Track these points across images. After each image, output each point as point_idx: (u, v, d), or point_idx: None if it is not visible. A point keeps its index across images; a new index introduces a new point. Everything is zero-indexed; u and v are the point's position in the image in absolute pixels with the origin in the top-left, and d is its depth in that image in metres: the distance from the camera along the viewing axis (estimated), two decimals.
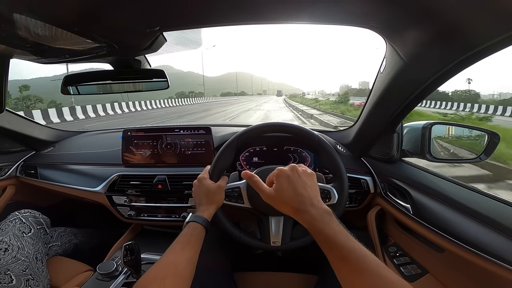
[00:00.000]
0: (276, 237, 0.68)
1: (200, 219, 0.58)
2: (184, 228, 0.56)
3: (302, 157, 0.97)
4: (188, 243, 0.52)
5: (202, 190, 0.66)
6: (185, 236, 0.54)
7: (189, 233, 0.54)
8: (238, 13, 0.51)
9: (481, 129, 0.77)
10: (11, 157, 1.20)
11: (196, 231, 0.55)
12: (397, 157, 0.84)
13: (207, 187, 0.66)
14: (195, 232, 0.55)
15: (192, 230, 0.55)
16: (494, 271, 0.50)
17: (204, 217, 0.59)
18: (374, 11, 0.48)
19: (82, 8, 0.44)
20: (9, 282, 0.76)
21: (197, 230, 0.56)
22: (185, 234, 0.54)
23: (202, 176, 0.69)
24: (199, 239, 0.55)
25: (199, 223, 0.57)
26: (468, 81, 49.48)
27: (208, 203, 0.63)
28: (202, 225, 0.57)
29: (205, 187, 0.66)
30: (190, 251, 0.51)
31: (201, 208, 0.62)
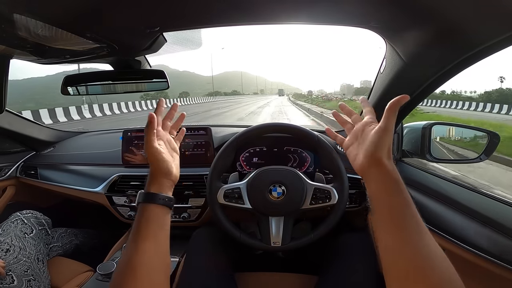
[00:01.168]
0: (276, 237, 0.69)
1: (155, 198, 0.45)
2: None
3: (302, 158, 0.97)
4: (139, 232, 0.42)
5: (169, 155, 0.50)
6: (135, 224, 0.43)
7: (137, 220, 0.43)
8: (238, 14, 0.51)
9: (481, 130, 0.77)
10: (11, 157, 1.20)
11: (149, 214, 0.44)
12: (397, 157, 0.84)
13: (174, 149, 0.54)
14: (148, 215, 0.43)
15: (141, 214, 0.44)
16: (494, 271, 0.50)
17: (163, 194, 0.46)
18: (373, 11, 0.48)
19: (82, 9, 0.44)
20: (11, 283, 0.76)
21: (150, 211, 0.44)
22: (135, 221, 0.43)
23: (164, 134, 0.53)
24: (156, 222, 0.43)
25: (152, 202, 0.44)
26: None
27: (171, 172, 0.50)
28: (159, 204, 0.44)
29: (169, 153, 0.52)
30: (144, 241, 0.41)
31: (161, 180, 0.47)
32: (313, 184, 0.70)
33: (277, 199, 0.69)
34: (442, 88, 28.23)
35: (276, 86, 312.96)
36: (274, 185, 0.70)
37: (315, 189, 0.69)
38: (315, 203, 0.69)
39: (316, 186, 0.70)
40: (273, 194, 0.69)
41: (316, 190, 0.69)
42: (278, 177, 0.70)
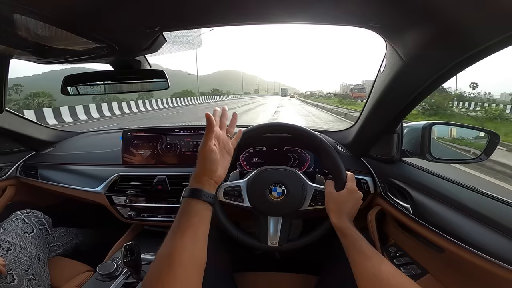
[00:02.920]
0: (273, 237, 0.69)
1: (199, 193, 0.47)
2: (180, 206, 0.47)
3: (302, 158, 0.97)
4: (179, 227, 0.44)
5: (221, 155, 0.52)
6: (176, 219, 0.45)
7: (180, 214, 0.46)
8: (238, 14, 0.51)
9: (481, 129, 0.77)
10: (11, 157, 1.20)
11: (191, 208, 0.46)
12: (397, 157, 0.84)
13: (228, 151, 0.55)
14: (190, 210, 0.46)
15: (184, 209, 0.46)
16: (494, 271, 0.50)
17: (206, 190, 0.48)
18: (373, 11, 0.48)
19: (82, 9, 0.44)
20: (11, 282, 0.76)
21: (193, 207, 0.46)
22: (177, 217, 0.46)
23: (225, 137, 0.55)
24: (198, 217, 0.45)
25: (196, 198, 0.47)
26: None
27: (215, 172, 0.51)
28: (202, 200, 0.47)
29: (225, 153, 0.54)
30: (183, 235, 0.43)
31: (204, 179, 0.50)
32: (313, 186, 0.70)
33: (276, 199, 0.69)
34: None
35: (272, 86, 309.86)
36: (274, 185, 0.70)
37: (315, 191, 0.69)
38: (315, 204, 0.69)
39: (316, 188, 0.70)
40: (273, 194, 0.69)
41: (316, 192, 0.69)
42: (278, 177, 0.70)
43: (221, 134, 0.53)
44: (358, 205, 0.64)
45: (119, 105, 14.00)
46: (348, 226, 0.58)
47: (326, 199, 0.66)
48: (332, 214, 0.62)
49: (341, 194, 0.64)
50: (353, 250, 0.54)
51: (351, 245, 0.55)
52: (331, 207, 0.63)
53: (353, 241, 0.55)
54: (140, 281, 0.78)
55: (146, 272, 0.82)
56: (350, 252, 0.54)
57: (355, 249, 0.54)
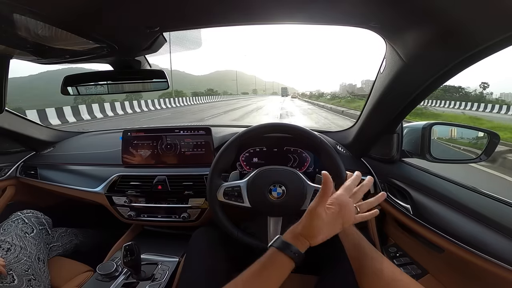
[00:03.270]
0: (273, 237, 0.69)
1: (288, 249, 0.45)
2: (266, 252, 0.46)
3: (302, 158, 0.97)
4: (260, 273, 0.44)
5: (333, 221, 0.48)
6: (259, 263, 0.45)
7: (264, 261, 0.45)
8: (238, 14, 0.51)
9: (481, 130, 0.77)
10: (11, 157, 1.20)
11: (276, 260, 0.45)
12: (397, 157, 0.84)
13: (346, 221, 0.50)
14: (274, 261, 0.45)
15: (270, 258, 0.45)
16: (494, 271, 0.50)
17: (295, 247, 0.46)
18: (373, 11, 0.48)
19: (82, 9, 0.44)
20: (11, 282, 0.76)
21: (278, 260, 0.45)
22: (260, 261, 0.45)
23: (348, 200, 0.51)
24: (278, 272, 0.44)
25: (283, 252, 0.45)
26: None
27: (314, 237, 0.47)
28: (288, 256, 0.45)
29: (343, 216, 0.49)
30: (262, 282, 0.43)
31: (301, 239, 0.47)
32: (313, 186, 0.70)
33: (276, 199, 0.69)
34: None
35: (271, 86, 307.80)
36: (274, 185, 0.70)
37: (315, 191, 0.69)
38: None
39: (316, 188, 0.70)
40: (273, 194, 0.69)
41: (316, 192, 0.69)
42: (278, 177, 0.70)
43: (349, 203, 0.50)
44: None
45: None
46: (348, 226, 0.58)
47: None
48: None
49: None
50: (354, 249, 0.54)
51: (352, 245, 0.55)
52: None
53: (354, 240, 0.55)
54: (140, 281, 0.78)
55: (145, 272, 0.83)
56: (351, 251, 0.55)
57: (356, 249, 0.54)
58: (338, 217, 0.48)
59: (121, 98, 16.71)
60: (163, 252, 0.95)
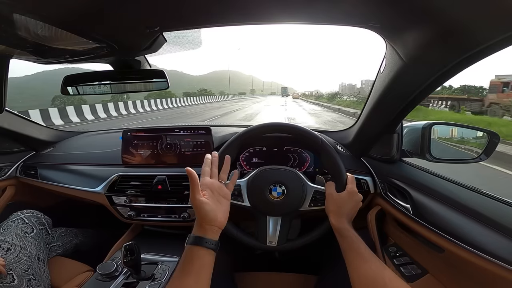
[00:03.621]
0: (272, 237, 0.69)
1: (201, 241, 0.49)
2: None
3: (302, 158, 0.97)
4: (183, 269, 0.47)
5: (217, 202, 0.54)
6: (181, 261, 0.49)
7: (183, 258, 0.49)
8: (238, 14, 0.51)
9: (481, 129, 0.77)
10: (11, 157, 1.20)
11: (193, 255, 0.48)
12: (397, 157, 0.84)
13: (225, 196, 0.56)
14: (192, 256, 0.48)
15: (186, 254, 0.49)
16: (494, 271, 0.50)
17: (208, 237, 0.50)
18: (373, 11, 0.48)
19: (82, 8, 0.44)
20: (11, 282, 0.76)
21: (195, 253, 0.49)
22: (181, 259, 0.49)
23: (214, 182, 0.56)
24: (199, 262, 0.48)
25: (198, 245, 0.49)
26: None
27: (216, 220, 0.52)
28: (204, 247, 0.49)
29: (224, 199, 0.56)
30: (187, 278, 0.46)
31: (207, 226, 0.51)
32: (313, 186, 0.70)
33: (276, 199, 0.69)
34: None
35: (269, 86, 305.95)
36: (274, 184, 0.70)
37: (315, 192, 0.69)
38: (314, 205, 0.69)
39: (316, 189, 0.69)
40: (273, 194, 0.69)
41: (316, 193, 0.69)
42: (279, 177, 0.70)
43: (213, 182, 0.55)
44: (358, 207, 0.65)
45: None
46: (346, 227, 0.59)
47: (326, 200, 0.66)
48: (331, 215, 0.63)
49: (341, 196, 0.64)
50: (350, 252, 0.54)
51: (349, 247, 0.55)
52: (331, 208, 0.64)
53: (351, 243, 0.56)
54: (140, 281, 0.78)
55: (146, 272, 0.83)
56: (347, 254, 0.55)
57: (352, 251, 0.54)
58: (214, 196, 0.53)
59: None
60: (163, 252, 0.95)
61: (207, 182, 0.54)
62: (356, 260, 0.52)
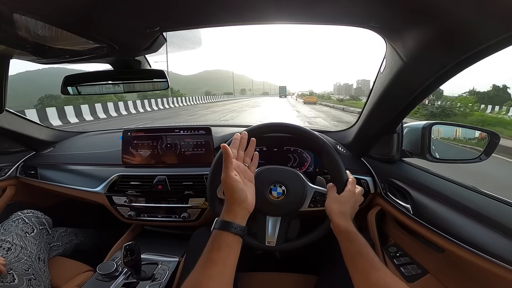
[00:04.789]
0: (271, 237, 0.68)
1: (229, 226, 0.48)
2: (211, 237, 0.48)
3: (303, 158, 0.97)
4: (210, 256, 0.45)
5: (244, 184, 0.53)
6: (207, 248, 0.46)
7: (210, 245, 0.46)
8: (239, 14, 0.51)
9: (481, 129, 0.77)
10: (11, 157, 1.20)
11: (221, 240, 0.46)
12: (397, 157, 0.84)
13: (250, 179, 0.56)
14: (220, 242, 0.46)
15: (214, 240, 0.47)
16: (494, 271, 0.50)
17: (236, 223, 0.48)
18: (373, 11, 0.48)
19: (82, 9, 0.44)
20: (11, 281, 0.76)
21: (223, 239, 0.47)
22: (207, 246, 0.47)
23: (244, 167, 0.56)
24: (227, 249, 0.46)
25: (225, 230, 0.47)
26: None
27: (246, 201, 0.51)
28: (231, 233, 0.47)
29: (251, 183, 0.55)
30: (212, 267, 0.43)
31: (236, 209, 0.50)
32: (313, 187, 0.70)
33: (276, 199, 0.69)
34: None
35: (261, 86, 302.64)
36: (274, 184, 0.70)
37: (315, 193, 0.69)
38: (314, 206, 0.69)
39: (316, 190, 0.69)
40: (273, 194, 0.69)
41: (316, 193, 0.69)
42: (279, 177, 0.70)
43: (239, 164, 0.54)
44: (358, 207, 0.65)
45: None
46: (355, 231, 0.55)
47: (328, 201, 0.64)
48: (337, 217, 0.59)
49: (343, 196, 0.63)
50: (360, 257, 0.50)
51: (358, 252, 0.51)
52: (335, 211, 0.60)
53: (359, 247, 0.51)
54: (140, 281, 0.78)
55: (146, 272, 0.83)
56: (356, 259, 0.50)
57: (362, 257, 0.50)
58: (241, 177, 0.52)
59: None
60: (163, 252, 0.95)
61: (234, 164, 0.53)
62: (367, 267, 0.48)
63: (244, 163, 0.56)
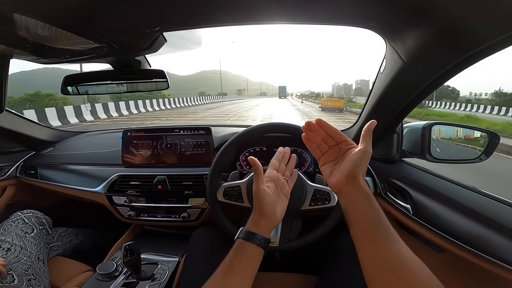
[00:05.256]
0: (274, 237, 0.68)
1: (253, 237, 0.47)
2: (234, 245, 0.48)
3: (303, 158, 0.97)
4: (231, 265, 0.45)
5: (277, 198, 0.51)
6: (229, 256, 0.46)
7: (232, 254, 0.47)
8: (239, 14, 0.51)
9: (481, 130, 0.77)
10: (11, 157, 1.20)
11: (244, 250, 0.46)
12: (397, 157, 0.84)
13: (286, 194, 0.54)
14: (243, 251, 0.46)
15: (237, 249, 0.47)
16: (494, 271, 0.50)
17: (260, 235, 0.48)
18: (373, 11, 0.48)
19: (83, 9, 0.44)
20: (11, 282, 0.76)
21: (246, 249, 0.46)
22: (229, 254, 0.47)
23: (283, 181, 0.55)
24: (249, 260, 0.46)
25: (249, 241, 0.47)
26: None
27: (274, 215, 0.50)
28: (254, 244, 0.47)
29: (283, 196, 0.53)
30: (233, 276, 0.44)
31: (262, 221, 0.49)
32: (313, 186, 0.70)
33: None
34: None
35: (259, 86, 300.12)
36: None
37: (315, 191, 0.69)
38: (315, 204, 0.69)
39: (316, 188, 0.70)
40: None
41: (316, 192, 0.69)
42: None
43: (279, 177, 0.54)
44: None
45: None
46: (373, 196, 0.45)
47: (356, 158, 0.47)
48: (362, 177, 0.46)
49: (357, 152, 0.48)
50: (378, 227, 0.41)
51: (376, 221, 0.42)
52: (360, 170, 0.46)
53: (380, 216, 0.42)
54: (140, 281, 0.78)
55: (146, 272, 0.83)
56: (374, 229, 0.41)
57: (380, 227, 0.41)
58: (277, 190, 0.52)
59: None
60: (163, 252, 0.95)
61: (273, 176, 0.53)
62: (384, 238, 0.40)
63: (284, 177, 0.56)
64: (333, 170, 0.48)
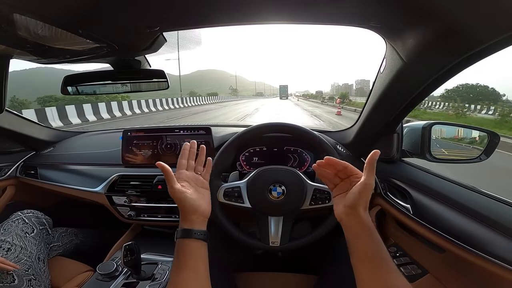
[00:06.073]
0: (275, 237, 0.69)
1: (190, 233, 0.49)
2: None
3: (303, 158, 0.97)
4: (178, 264, 0.46)
5: (197, 193, 0.53)
6: (175, 257, 0.48)
7: (176, 254, 0.48)
8: (239, 14, 0.51)
9: (481, 129, 0.77)
10: (11, 157, 1.20)
11: (186, 247, 0.48)
12: (397, 157, 0.84)
13: (203, 186, 0.56)
14: (184, 249, 0.48)
15: (179, 248, 0.48)
16: (494, 271, 0.50)
17: (196, 229, 0.49)
18: (373, 11, 0.48)
19: (83, 9, 0.44)
20: (11, 282, 0.76)
21: (187, 246, 0.48)
22: (174, 255, 0.48)
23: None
24: (194, 255, 0.48)
25: (187, 237, 0.49)
26: None
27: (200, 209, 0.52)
28: (194, 238, 0.49)
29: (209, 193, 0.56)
30: (184, 272, 0.45)
31: (192, 217, 0.51)
32: (313, 185, 0.70)
33: (277, 199, 0.69)
34: None
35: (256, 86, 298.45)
36: (274, 184, 0.70)
37: (315, 190, 0.69)
38: (315, 203, 0.69)
39: (316, 187, 0.70)
40: (273, 194, 0.69)
41: (316, 191, 0.69)
42: (278, 177, 0.70)
43: (189, 175, 0.55)
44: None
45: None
46: (374, 227, 0.47)
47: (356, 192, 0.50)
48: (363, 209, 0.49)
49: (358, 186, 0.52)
50: (376, 259, 0.44)
51: (375, 253, 0.44)
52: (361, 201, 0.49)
53: (380, 248, 0.45)
54: (140, 281, 0.78)
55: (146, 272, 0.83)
56: (373, 260, 0.44)
57: (379, 258, 0.44)
58: (193, 186, 0.53)
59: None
60: (163, 252, 0.95)
61: (183, 175, 0.53)
62: (382, 269, 0.43)
63: (197, 172, 0.57)
64: (339, 202, 0.50)
